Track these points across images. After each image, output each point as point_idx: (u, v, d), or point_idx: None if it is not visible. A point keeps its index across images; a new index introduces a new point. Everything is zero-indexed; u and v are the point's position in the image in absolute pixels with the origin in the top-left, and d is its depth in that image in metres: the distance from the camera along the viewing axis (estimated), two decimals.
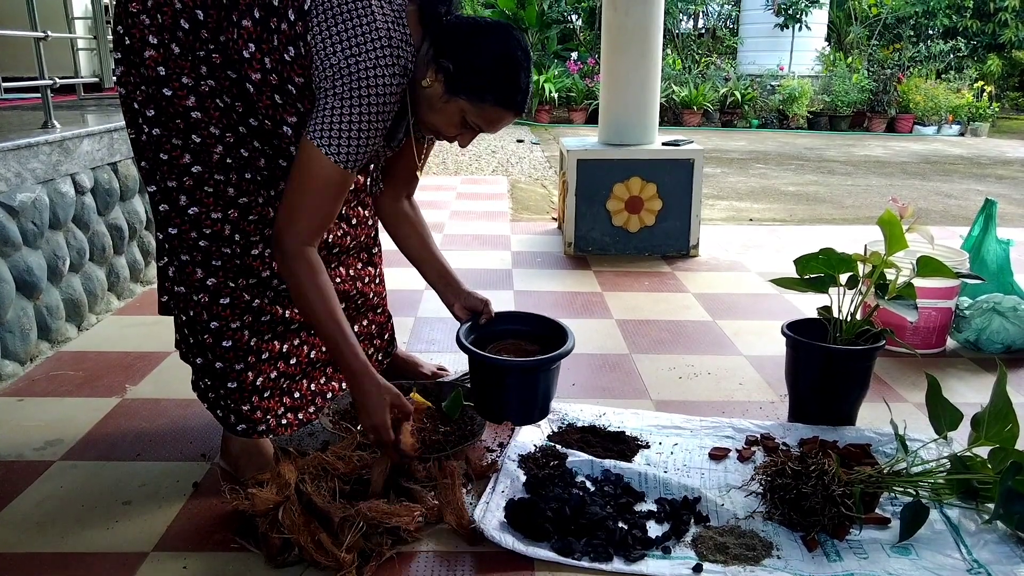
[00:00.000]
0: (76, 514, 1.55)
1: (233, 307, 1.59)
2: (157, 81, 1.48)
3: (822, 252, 1.87)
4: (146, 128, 1.51)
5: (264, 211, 1.60)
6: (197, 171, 1.52)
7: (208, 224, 1.54)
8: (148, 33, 1.47)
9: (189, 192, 1.53)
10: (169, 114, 1.49)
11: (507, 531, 1.47)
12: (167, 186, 1.53)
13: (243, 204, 1.57)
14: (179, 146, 1.50)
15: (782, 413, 2.04)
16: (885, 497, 1.58)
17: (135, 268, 2.93)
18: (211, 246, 1.56)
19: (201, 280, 1.57)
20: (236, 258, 1.58)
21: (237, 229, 1.57)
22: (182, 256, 1.57)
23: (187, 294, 1.59)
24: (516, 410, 1.81)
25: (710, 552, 1.43)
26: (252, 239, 1.59)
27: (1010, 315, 2.42)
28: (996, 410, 1.52)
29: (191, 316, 1.60)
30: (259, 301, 1.63)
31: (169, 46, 1.47)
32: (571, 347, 1.79)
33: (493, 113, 1.53)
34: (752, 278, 3.32)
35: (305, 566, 1.38)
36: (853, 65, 11.75)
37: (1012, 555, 1.42)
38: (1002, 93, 13.74)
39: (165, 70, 1.47)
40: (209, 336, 1.59)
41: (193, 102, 1.49)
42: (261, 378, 1.65)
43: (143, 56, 1.47)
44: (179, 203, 1.53)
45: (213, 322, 1.59)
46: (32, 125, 2.60)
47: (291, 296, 1.57)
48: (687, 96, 11.05)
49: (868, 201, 5.74)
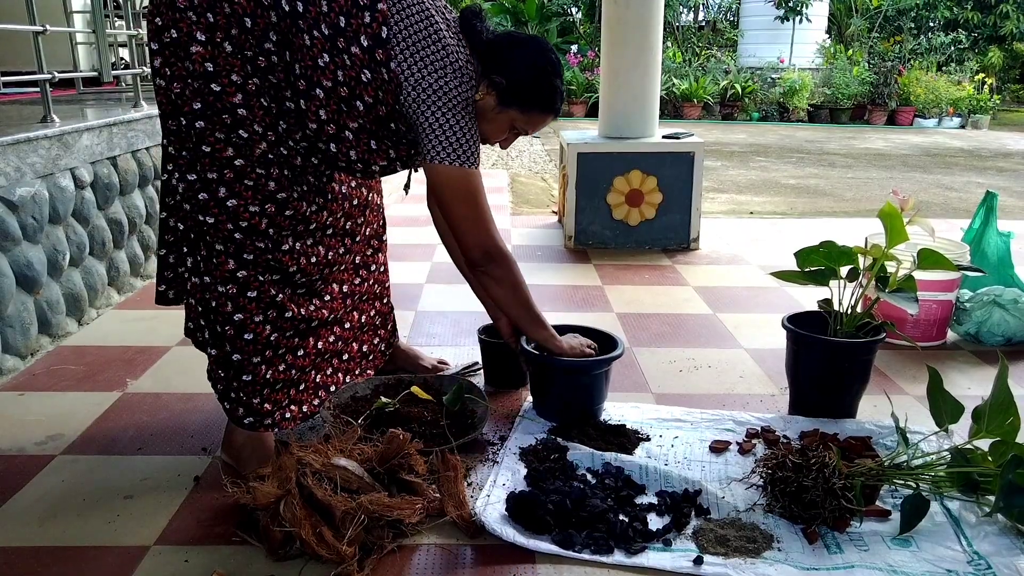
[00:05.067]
0: (77, 508, 1.55)
1: (259, 301, 1.62)
2: (205, 76, 1.52)
3: (823, 245, 1.87)
4: (188, 120, 1.54)
5: (299, 206, 1.64)
6: (239, 164, 1.56)
7: (246, 217, 1.58)
8: (196, 30, 1.51)
9: (229, 184, 1.57)
10: (216, 109, 1.53)
11: (508, 524, 1.47)
12: (207, 177, 1.56)
13: (281, 199, 1.61)
14: (222, 140, 1.55)
15: (783, 406, 2.04)
16: (886, 489, 1.58)
17: (135, 262, 2.93)
18: (245, 239, 1.60)
19: (232, 272, 1.60)
20: (267, 252, 1.62)
21: (272, 224, 1.61)
22: (216, 247, 1.60)
23: (211, 284, 1.61)
24: (557, 406, 1.91)
25: (711, 544, 1.43)
26: (284, 234, 1.63)
27: (1011, 307, 2.42)
28: (997, 403, 1.52)
29: (213, 307, 1.62)
30: (282, 296, 1.65)
31: (221, 44, 1.52)
32: (618, 354, 1.90)
33: (539, 118, 1.74)
34: (752, 271, 3.32)
35: (306, 559, 1.38)
36: (854, 57, 11.73)
37: (1012, 547, 1.42)
38: (1003, 85, 13.71)
39: (213, 66, 1.52)
40: (231, 328, 1.62)
41: (240, 99, 1.54)
42: (272, 371, 1.67)
43: (189, 51, 1.52)
44: (218, 194, 1.57)
45: (237, 314, 1.61)
46: (31, 119, 2.59)
47: (504, 289, 1.79)
48: (687, 89, 11.03)
49: (869, 194, 5.73)
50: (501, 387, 2.11)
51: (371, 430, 1.72)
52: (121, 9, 3.82)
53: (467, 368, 2.22)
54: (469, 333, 2.49)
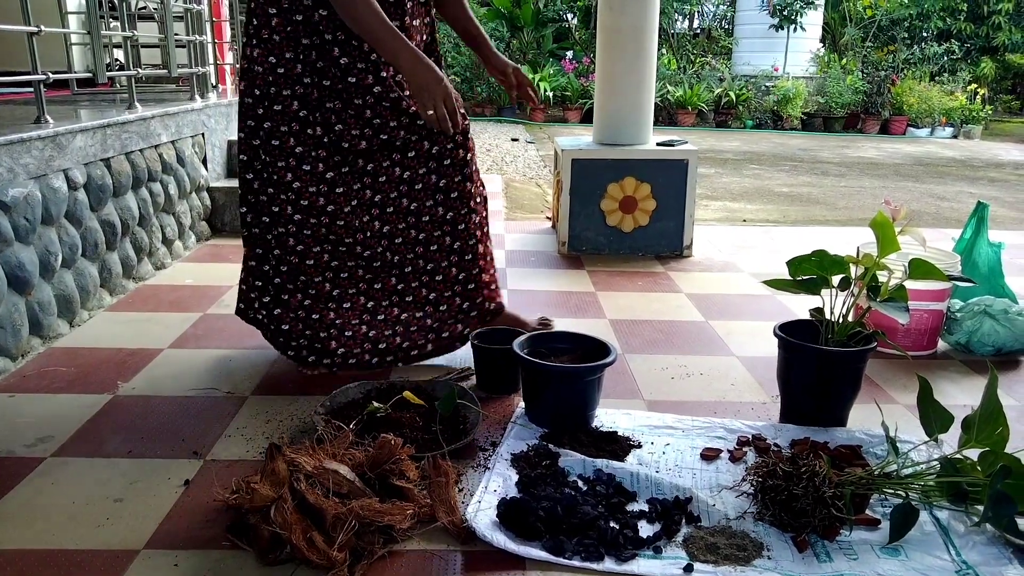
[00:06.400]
0: (67, 511, 1.54)
1: (317, 264, 2.11)
2: (287, 80, 1.99)
3: (815, 254, 1.88)
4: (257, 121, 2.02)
5: (349, 181, 2.07)
6: (299, 152, 2.02)
7: (306, 196, 2.03)
8: (281, 45, 1.97)
9: (292, 170, 2.01)
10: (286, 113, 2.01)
11: (499, 530, 1.47)
12: (277, 165, 2.02)
13: (330, 179, 2.04)
14: (287, 132, 2.01)
15: (774, 414, 2.05)
16: (875, 498, 1.59)
17: (127, 264, 2.92)
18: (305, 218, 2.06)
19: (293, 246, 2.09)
20: (322, 227, 2.07)
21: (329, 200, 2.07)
22: (279, 228, 2.08)
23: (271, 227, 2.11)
24: (551, 411, 1.91)
25: (701, 552, 1.44)
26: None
27: (1001, 318, 2.44)
28: (986, 413, 1.53)
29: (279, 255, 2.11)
30: (337, 262, 2.12)
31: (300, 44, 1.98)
32: (610, 361, 1.90)
33: None
34: (745, 279, 3.33)
35: (297, 564, 1.38)
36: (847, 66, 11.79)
37: (1000, 556, 1.43)
38: (995, 96, 13.79)
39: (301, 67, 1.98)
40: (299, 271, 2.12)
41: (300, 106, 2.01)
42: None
43: (284, 56, 1.97)
44: (285, 179, 2.01)
45: (309, 260, 2.11)
46: (25, 120, 2.59)
47: (342, 12, 1.86)
48: (682, 96, 11.07)
49: (861, 203, 5.76)
50: (493, 393, 2.11)
51: (363, 435, 1.72)
52: (116, 11, 3.81)
53: (460, 373, 2.22)
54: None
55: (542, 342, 2.03)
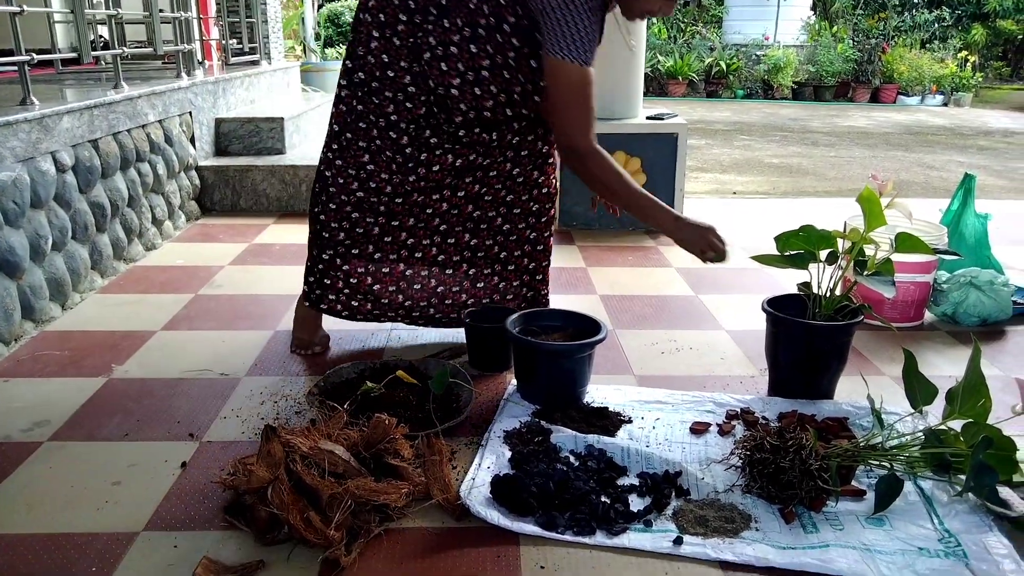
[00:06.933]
0: (65, 495, 1.56)
1: (367, 234, 2.09)
2: (382, 66, 1.93)
3: (802, 229, 1.89)
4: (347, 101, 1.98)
5: (417, 166, 2.01)
6: (378, 138, 1.98)
7: (376, 179, 2.00)
8: (375, 25, 1.91)
9: (372, 153, 1.99)
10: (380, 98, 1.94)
11: (493, 507, 1.50)
12: (359, 146, 1.99)
13: (399, 162, 2.00)
14: (372, 120, 1.97)
15: (762, 387, 2.07)
16: (861, 470, 1.62)
17: (118, 246, 2.92)
18: (368, 196, 2.04)
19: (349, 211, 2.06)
20: (381, 205, 2.05)
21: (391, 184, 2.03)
22: (343, 198, 2.05)
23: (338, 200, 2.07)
24: (545, 388, 1.93)
25: (690, 525, 1.47)
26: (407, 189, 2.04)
27: (986, 289, 2.47)
28: (970, 385, 1.56)
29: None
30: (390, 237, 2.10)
31: (391, 39, 1.90)
32: (601, 338, 1.92)
33: None
34: (735, 253, 3.34)
35: (294, 544, 1.40)
36: (838, 34, 11.73)
37: (981, 524, 1.46)
38: (986, 63, 13.77)
39: (388, 57, 1.91)
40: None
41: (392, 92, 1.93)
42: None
43: (370, 47, 1.91)
44: (361, 159, 1.99)
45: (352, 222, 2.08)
46: (10, 101, 2.57)
47: (598, 185, 1.96)
48: (672, 66, 11.01)
49: (851, 173, 5.77)
50: (486, 371, 2.13)
51: (357, 415, 1.74)
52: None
53: (452, 351, 2.23)
54: None
55: (533, 320, 2.05)
